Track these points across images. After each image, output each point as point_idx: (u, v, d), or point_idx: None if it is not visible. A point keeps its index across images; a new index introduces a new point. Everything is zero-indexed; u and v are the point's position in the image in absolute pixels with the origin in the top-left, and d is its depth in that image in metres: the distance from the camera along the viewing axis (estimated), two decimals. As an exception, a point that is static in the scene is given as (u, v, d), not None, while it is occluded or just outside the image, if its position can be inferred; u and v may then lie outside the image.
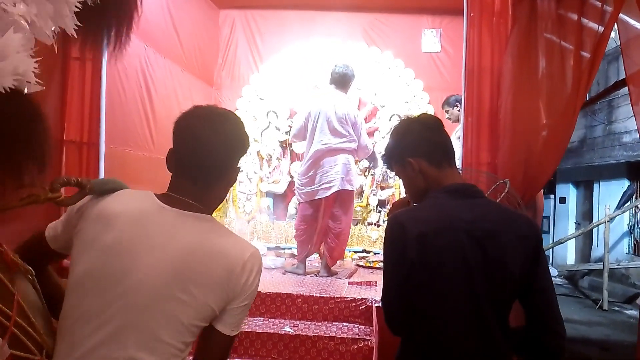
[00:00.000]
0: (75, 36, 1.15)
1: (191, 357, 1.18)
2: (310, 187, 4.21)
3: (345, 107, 4.23)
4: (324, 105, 4.20)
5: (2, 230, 1.13)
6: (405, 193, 1.64)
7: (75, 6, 1.13)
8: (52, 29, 1.09)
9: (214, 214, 1.29)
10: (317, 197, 4.19)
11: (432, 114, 5.55)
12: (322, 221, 4.25)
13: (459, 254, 1.33)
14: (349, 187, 4.23)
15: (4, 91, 0.96)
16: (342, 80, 4.30)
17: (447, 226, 1.36)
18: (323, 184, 4.17)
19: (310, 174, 4.21)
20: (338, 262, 4.91)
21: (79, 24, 1.13)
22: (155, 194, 1.21)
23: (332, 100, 4.22)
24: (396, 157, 1.56)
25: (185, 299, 1.09)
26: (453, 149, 1.55)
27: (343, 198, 4.27)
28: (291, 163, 5.77)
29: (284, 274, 4.34)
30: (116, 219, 1.14)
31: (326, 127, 4.16)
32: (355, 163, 5.72)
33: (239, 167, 1.29)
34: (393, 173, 5.60)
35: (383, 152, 1.65)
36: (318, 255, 4.63)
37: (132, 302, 1.08)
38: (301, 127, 4.31)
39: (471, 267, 1.33)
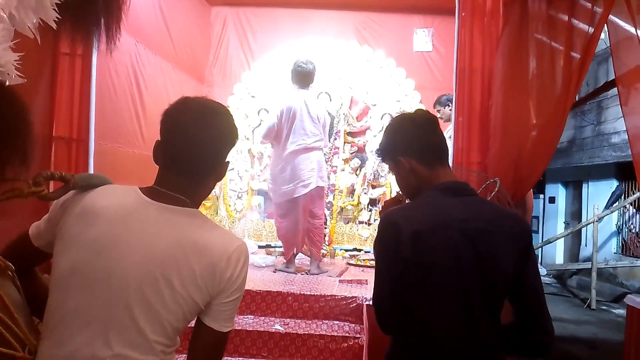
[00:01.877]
0: (55, 28, 1.14)
1: (184, 356, 1.17)
2: (287, 187, 4.24)
3: (318, 107, 4.35)
4: (296, 104, 4.22)
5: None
6: (399, 189, 1.64)
7: None
8: (34, 21, 1.08)
9: (205, 212, 1.28)
10: (295, 195, 4.22)
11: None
12: (303, 218, 4.30)
13: (452, 252, 1.33)
14: (322, 184, 4.36)
15: None
16: (307, 78, 4.32)
17: (441, 224, 1.36)
18: (301, 181, 4.21)
19: (285, 173, 4.25)
20: (328, 260, 4.94)
21: (59, 16, 1.11)
22: (140, 188, 1.18)
23: (303, 100, 4.24)
24: (389, 154, 1.56)
25: (167, 296, 1.08)
26: (446, 147, 1.54)
27: (319, 194, 4.38)
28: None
29: (275, 272, 4.34)
30: (100, 214, 1.11)
31: (300, 127, 4.20)
32: (346, 162, 5.74)
33: (228, 162, 1.27)
34: (384, 172, 5.63)
35: (378, 147, 1.65)
36: (303, 254, 4.66)
37: (116, 299, 1.06)
38: (271, 128, 4.25)
39: (464, 265, 1.33)
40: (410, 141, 1.51)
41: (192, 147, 1.16)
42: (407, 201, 1.73)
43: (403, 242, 1.33)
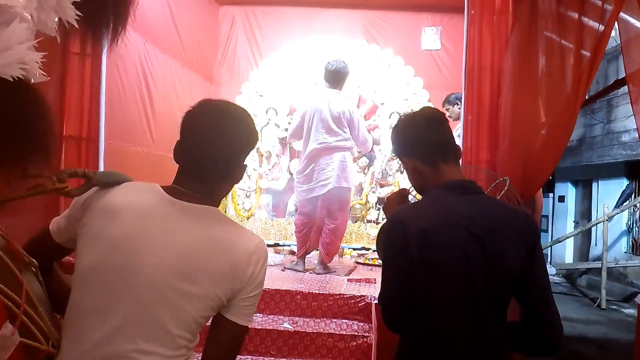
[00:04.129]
0: (77, 27, 1.14)
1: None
2: (307, 185, 4.24)
3: (340, 105, 4.23)
4: (319, 104, 4.21)
5: (1, 223, 1.12)
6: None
7: None
8: (55, 20, 1.09)
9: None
10: (314, 195, 4.21)
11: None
12: (319, 218, 4.28)
13: (459, 250, 1.33)
14: (345, 184, 4.24)
15: (11, 79, 0.96)
16: (335, 77, 4.29)
17: (448, 222, 1.36)
18: (320, 181, 4.19)
19: (307, 172, 4.24)
20: (337, 259, 4.92)
21: (79, 14, 1.12)
22: (161, 186, 1.21)
23: (326, 99, 4.23)
24: (396, 154, 1.58)
25: (192, 291, 1.10)
26: (451, 144, 1.52)
27: (339, 195, 4.27)
28: (290, 160, 5.77)
29: (283, 270, 4.35)
30: (122, 212, 1.13)
31: (321, 126, 4.18)
32: (354, 161, 5.74)
33: (245, 165, 1.28)
34: (393, 171, 5.62)
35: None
36: (318, 252, 4.64)
37: (139, 295, 1.08)
38: (297, 127, 4.33)
39: (471, 263, 1.33)
40: (412, 141, 1.52)
41: (206, 153, 1.19)
42: (410, 198, 1.74)
43: (410, 241, 1.33)
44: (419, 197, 1.62)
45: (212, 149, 1.18)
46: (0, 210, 1.03)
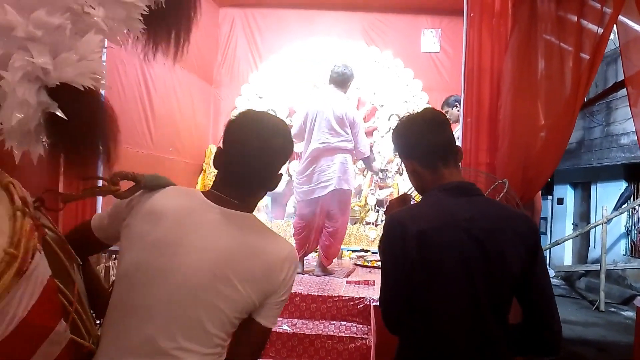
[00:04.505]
0: (143, 39, 1.23)
1: None
2: (307, 186, 4.22)
3: (343, 107, 4.24)
4: (323, 104, 4.21)
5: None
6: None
7: (144, 10, 1.18)
8: (125, 32, 1.17)
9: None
10: (314, 196, 4.19)
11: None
12: (319, 220, 4.26)
13: (458, 251, 1.33)
14: (345, 186, 4.23)
15: (83, 89, 1.03)
16: (341, 80, 4.30)
17: (447, 224, 1.36)
18: (320, 182, 4.17)
19: (307, 172, 4.22)
20: (336, 261, 4.91)
21: (145, 27, 1.19)
22: (201, 191, 1.26)
23: (330, 100, 4.23)
24: (398, 153, 1.59)
25: (229, 293, 1.15)
26: (450, 147, 1.51)
27: (340, 197, 4.25)
28: (289, 162, 5.77)
29: (282, 272, 4.33)
30: (166, 215, 1.19)
31: (324, 126, 4.16)
32: (354, 162, 5.74)
33: (281, 174, 1.34)
34: (392, 173, 5.62)
35: None
36: (317, 254, 4.63)
37: (180, 295, 1.13)
38: (300, 127, 4.30)
39: (470, 264, 1.33)
40: (412, 144, 1.52)
41: (250, 162, 1.25)
42: (412, 201, 1.74)
43: (409, 242, 1.34)
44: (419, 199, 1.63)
45: (256, 159, 1.24)
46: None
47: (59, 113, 1.00)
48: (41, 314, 0.92)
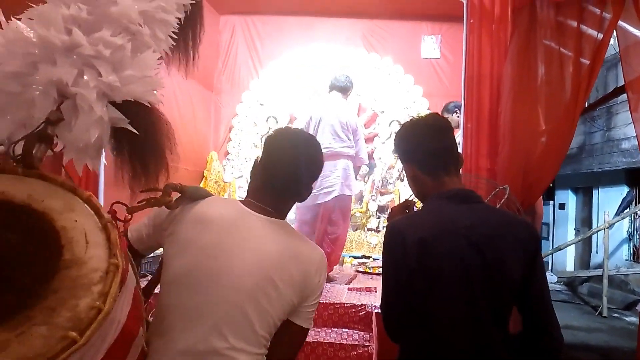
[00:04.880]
0: (170, 55, 1.32)
1: None
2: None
3: (348, 114, 4.28)
4: (327, 110, 4.22)
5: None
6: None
7: (173, 28, 1.27)
8: (162, 50, 1.24)
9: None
10: (316, 202, 4.18)
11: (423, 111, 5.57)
12: (320, 226, 4.24)
13: (458, 260, 1.33)
14: (348, 192, 4.24)
15: (148, 105, 1.10)
16: (343, 88, 4.33)
17: (446, 231, 1.36)
18: (323, 188, 4.15)
19: None
20: (337, 267, 4.90)
21: (174, 44, 1.28)
22: (239, 201, 1.35)
23: (335, 106, 4.24)
24: (400, 160, 1.61)
25: (275, 295, 1.23)
26: (452, 153, 1.50)
27: (342, 203, 4.26)
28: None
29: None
30: (212, 222, 1.27)
31: (328, 132, 4.16)
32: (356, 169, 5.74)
33: (312, 185, 1.45)
34: (393, 179, 5.62)
35: None
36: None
37: (230, 298, 1.20)
38: None
39: (470, 272, 1.33)
40: (412, 149, 1.52)
41: (289, 175, 1.35)
42: (415, 208, 1.74)
43: (408, 250, 1.34)
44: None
45: (294, 171, 1.35)
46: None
47: (130, 128, 1.07)
48: (133, 320, 0.98)
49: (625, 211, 8.67)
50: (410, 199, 1.76)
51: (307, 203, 4.19)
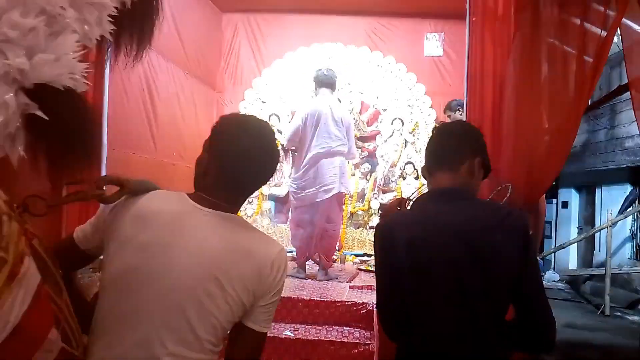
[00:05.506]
0: (111, 40, 1.19)
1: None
2: (308, 190, 4.22)
3: (340, 111, 4.31)
4: (321, 109, 4.21)
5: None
6: None
7: (112, 11, 1.15)
8: (97, 35, 1.13)
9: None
10: (316, 200, 4.20)
11: (435, 118, 5.57)
12: (320, 223, 4.26)
13: (447, 258, 1.33)
14: (343, 190, 4.32)
15: (62, 89, 1.00)
16: (332, 83, 4.34)
17: (435, 230, 1.37)
18: (322, 186, 4.18)
19: (307, 177, 4.22)
20: (339, 265, 4.92)
21: (114, 28, 1.16)
22: (187, 194, 1.25)
23: (328, 104, 4.24)
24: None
25: (219, 296, 1.13)
26: (447, 152, 1.51)
27: (339, 200, 4.33)
28: (293, 166, 5.76)
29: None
30: (152, 219, 1.17)
31: (325, 131, 4.18)
32: (356, 167, 5.74)
33: (270, 172, 1.34)
34: (395, 177, 5.62)
35: None
36: (313, 260, 4.60)
37: (170, 299, 1.11)
38: (296, 131, 4.25)
39: (460, 269, 1.33)
40: (425, 153, 1.59)
41: (246, 166, 1.24)
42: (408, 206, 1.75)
43: (397, 249, 1.35)
44: None
45: (252, 162, 1.24)
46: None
47: (39, 113, 0.98)
48: (34, 322, 0.90)
49: (629, 210, 8.64)
50: (411, 197, 1.76)
51: (306, 202, 4.22)
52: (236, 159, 1.23)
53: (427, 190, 1.53)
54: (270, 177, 1.34)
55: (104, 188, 1.21)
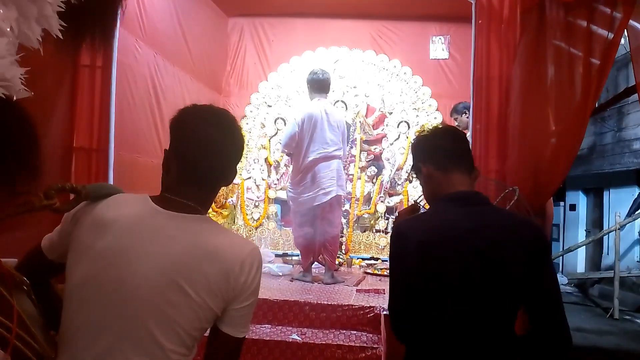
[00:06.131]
0: (61, 37, 1.12)
1: None
2: (307, 195, 4.24)
3: (336, 116, 4.34)
4: (317, 113, 4.22)
5: (1, 240, 1.12)
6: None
7: (59, 5, 1.09)
8: (40, 32, 1.05)
9: (222, 221, 1.30)
10: (315, 204, 4.22)
11: (441, 121, 5.56)
12: (321, 226, 4.28)
13: (459, 263, 1.33)
14: (341, 192, 4.34)
15: None
16: (326, 86, 4.37)
17: (448, 235, 1.36)
18: (321, 189, 4.20)
19: (305, 182, 4.24)
20: (345, 269, 4.91)
21: (63, 24, 1.09)
22: (150, 196, 1.19)
23: (324, 109, 4.26)
24: (415, 167, 1.60)
25: (182, 302, 1.08)
26: (465, 155, 1.54)
27: (338, 202, 4.36)
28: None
29: (292, 281, 4.33)
30: (111, 225, 1.11)
31: (321, 137, 4.20)
32: (362, 170, 5.74)
33: (236, 167, 1.28)
34: (401, 180, 5.61)
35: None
36: (319, 263, 4.60)
37: (130, 309, 1.06)
38: (293, 136, 4.24)
39: (471, 276, 1.32)
40: (429, 148, 1.56)
41: (211, 157, 1.18)
42: (422, 210, 1.75)
43: (410, 253, 1.35)
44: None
45: (218, 155, 1.18)
46: None
47: None
48: None
49: (637, 212, 8.57)
50: (418, 200, 1.77)
51: (306, 206, 4.23)
52: (197, 148, 1.17)
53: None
54: (236, 164, 1.25)
55: (54, 198, 1.13)
